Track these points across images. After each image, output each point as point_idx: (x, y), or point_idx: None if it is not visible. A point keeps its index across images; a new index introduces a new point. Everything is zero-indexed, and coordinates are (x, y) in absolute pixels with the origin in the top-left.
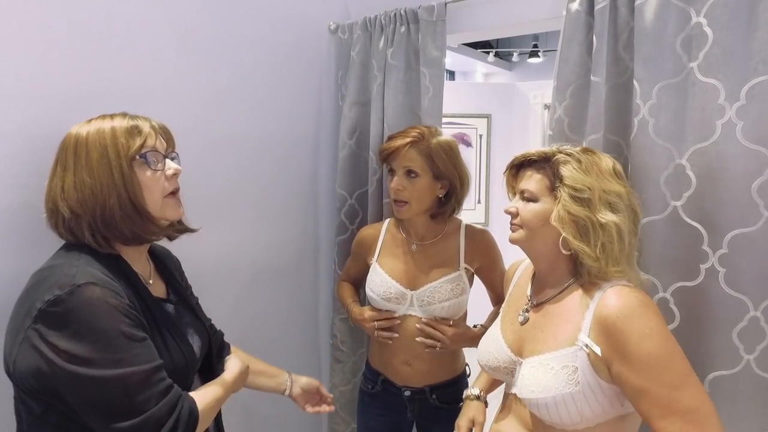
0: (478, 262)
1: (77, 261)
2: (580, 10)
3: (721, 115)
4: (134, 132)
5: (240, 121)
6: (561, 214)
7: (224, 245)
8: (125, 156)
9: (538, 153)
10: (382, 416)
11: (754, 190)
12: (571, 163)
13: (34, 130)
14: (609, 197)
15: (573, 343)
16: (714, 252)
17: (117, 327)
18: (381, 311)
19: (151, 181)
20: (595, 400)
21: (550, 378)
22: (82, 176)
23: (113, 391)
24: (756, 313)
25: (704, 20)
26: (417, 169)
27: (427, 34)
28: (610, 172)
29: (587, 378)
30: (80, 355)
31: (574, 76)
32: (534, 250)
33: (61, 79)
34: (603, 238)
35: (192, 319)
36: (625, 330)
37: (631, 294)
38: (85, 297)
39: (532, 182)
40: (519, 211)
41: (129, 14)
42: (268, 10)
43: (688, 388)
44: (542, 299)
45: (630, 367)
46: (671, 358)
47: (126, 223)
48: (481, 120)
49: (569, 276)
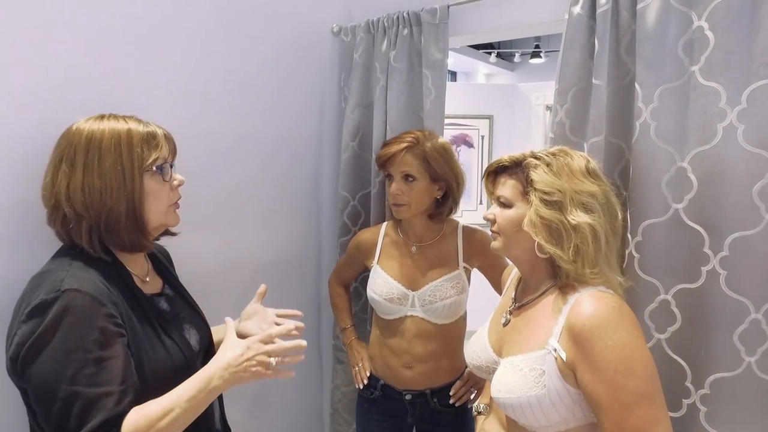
0: (478, 261)
1: (68, 266)
2: (582, 14)
3: (722, 118)
4: (151, 141)
5: (243, 123)
6: (533, 218)
7: (227, 246)
8: (140, 166)
9: (510, 159)
10: (381, 422)
11: (755, 193)
12: (540, 166)
13: (37, 132)
14: (582, 198)
15: (543, 347)
16: (715, 254)
17: (81, 341)
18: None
19: (161, 191)
20: (563, 405)
21: (518, 379)
22: (91, 178)
23: (52, 403)
24: (757, 316)
25: (706, 24)
26: (414, 173)
27: (430, 37)
28: (583, 172)
29: (554, 382)
30: (35, 352)
31: (576, 79)
32: (513, 256)
33: (64, 80)
34: (576, 240)
35: (189, 313)
36: (590, 338)
37: (602, 301)
38: (64, 304)
39: (506, 188)
40: (496, 218)
41: (134, 17)
42: (271, 13)
43: (639, 409)
44: (523, 302)
45: (590, 377)
46: (630, 375)
47: (127, 232)
48: (483, 121)
49: (549, 279)
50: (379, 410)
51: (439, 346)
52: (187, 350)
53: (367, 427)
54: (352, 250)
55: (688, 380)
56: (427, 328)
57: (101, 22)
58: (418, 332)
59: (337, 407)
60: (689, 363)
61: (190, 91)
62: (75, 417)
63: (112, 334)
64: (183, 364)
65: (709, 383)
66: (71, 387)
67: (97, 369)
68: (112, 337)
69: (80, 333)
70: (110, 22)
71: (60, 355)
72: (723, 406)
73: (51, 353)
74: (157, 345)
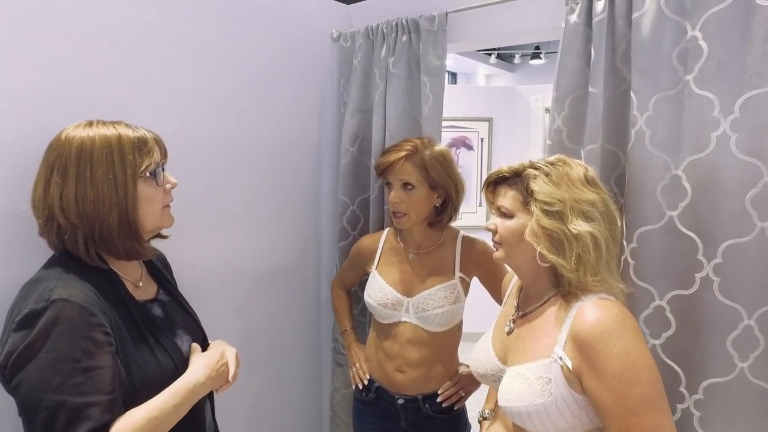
0: (476, 272)
1: (59, 275)
2: (579, 22)
3: (715, 127)
4: (143, 147)
5: (242, 128)
6: (534, 228)
7: (226, 250)
8: (132, 174)
9: (510, 169)
10: (376, 424)
11: (748, 201)
12: (540, 177)
13: (31, 136)
14: (582, 206)
15: (549, 355)
16: (709, 261)
17: (70, 351)
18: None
19: (154, 195)
20: (569, 412)
21: (525, 388)
22: (84, 189)
23: (37, 412)
24: (750, 322)
25: (699, 34)
26: (413, 182)
27: (428, 43)
28: (582, 181)
29: (560, 390)
30: (23, 361)
31: (573, 86)
32: (516, 265)
33: (66, 85)
34: (578, 249)
35: (184, 318)
36: (595, 345)
37: (605, 308)
38: (53, 314)
39: (506, 199)
40: (497, 228)
41: (136, 23)
42: (270, 18)
43: (645, 415)
44: (526, 311)
45: (596, 384)
46: (635, 382)
47: (121, 240)
48: (482, 123)
49: (551, 288)
50: (374, 412)
51: (431, 353)
52: (177, 356)
53: (363, 429)
54: (353, 255)
55: (682, 385)
56: (421, 335)
57: (103, 29)
58: (412, 338)
59: (336, 410)
60: (683, 368)
61: (189, 97)
62: (60, 426)
63: (101, 344)
64: (172, 370)
65: (702, 388)
66: (57, 396)
67: (84, 378)
68: (101, 347)
69: (69, 343)
70: (113, 30)
71: (47, 365)
72: (716, 410)
73: (39, 362)
74: (146, 352)
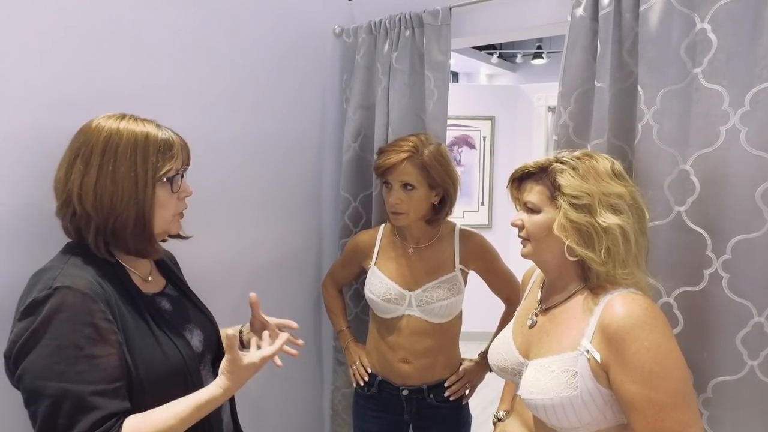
0: (474, 264)
1: (64, 264)
2: (585, 16)
3: (725, 121)
4: (167, 151)
5: (244, 124)
6: (563, 222)
7: (228, 247)
8: (153, 176)
9: (535, 164)
10: (378, 418)
11: (758, 196)
12: (567, 171)
13: (38, 134)
14: (610, 199)
15: (575, 348)
16: (717, 257)
17: (73, 338)
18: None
19: (168, 201)
20: (594, 406)
21: (550, 380)
22: (104, 181)
23: (41, 401)
24: (760, 319)
25: (709, 26)
26: (414, 182)
27: (432, 38)
28: (609, 174)
29: (586, 383)
30: (27, 349)
31: (579, 81)
32: (543, 261)
33: (69, 83)
34: (607, 242)
35: (195, 313)
36: (625, 338)
37: (635, 302)
38: (55, 302)
39: (533, 194)
40: (524, 223)
41: (137, 20)
42: (273, 14)
43: (674, 411)
44: (550, 304)
45: (624, 377)
46: (665, 376)
47: (133, 239)
48: (484, 122)
49: (578, 281)
50: (376, 407)
51: (435, 343)
52: (186, 350)
53: (364, 424)
54: (349, 251)
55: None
56: (424, 326)
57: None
58: (415, 330)
59: (338, 408)
60: (692, 366)
61: (192, 93)
62: (65, 415)
63: (106, 331)
64: (180, 364)
65: (711, 387)
66: (61, 384)
67: (88, 366)
68: (105, 334)
69: (72, 329)
70: (114, 27)
71: (50, 352)
72: (725, 409)
73: (42, 350)
74: (152, 344)
